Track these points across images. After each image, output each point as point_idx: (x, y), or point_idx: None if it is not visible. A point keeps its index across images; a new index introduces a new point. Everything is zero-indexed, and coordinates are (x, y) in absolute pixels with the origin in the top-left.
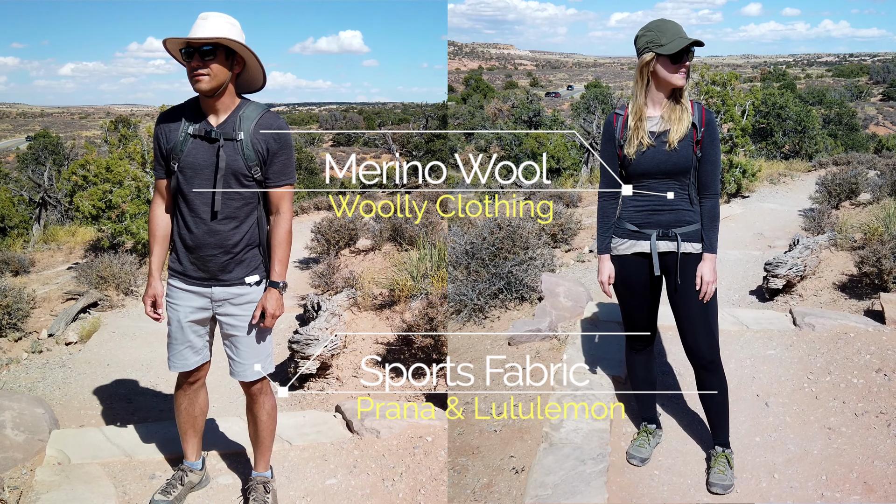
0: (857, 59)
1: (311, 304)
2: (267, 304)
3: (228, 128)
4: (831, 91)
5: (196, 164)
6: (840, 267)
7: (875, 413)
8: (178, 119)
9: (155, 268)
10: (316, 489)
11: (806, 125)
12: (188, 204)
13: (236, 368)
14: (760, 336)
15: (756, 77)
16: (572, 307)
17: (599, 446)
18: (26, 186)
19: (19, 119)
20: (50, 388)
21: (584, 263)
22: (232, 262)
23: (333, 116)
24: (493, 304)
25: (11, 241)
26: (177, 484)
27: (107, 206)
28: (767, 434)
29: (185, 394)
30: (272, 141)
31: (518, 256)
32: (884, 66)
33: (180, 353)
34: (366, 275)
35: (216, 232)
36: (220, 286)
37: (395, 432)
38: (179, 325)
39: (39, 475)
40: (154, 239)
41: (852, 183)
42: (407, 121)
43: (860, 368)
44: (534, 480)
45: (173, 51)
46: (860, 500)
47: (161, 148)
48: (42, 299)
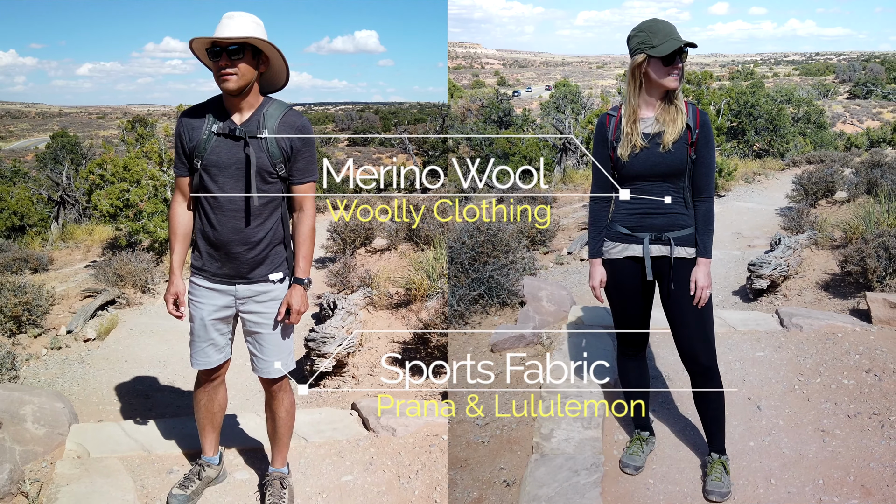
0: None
1: (328, 302)
2: (292, 301)
3: (252, 126)
4: (799, 90)
5: (220, 161)
6: (822, 266)
7: (868, 414)
8: (201, 117)
9: (176, 266)
10: (332, 486)
11: (777, 123)
12: (212, 202)
13: (259, 365)
14: (748, 338)
15: (724, 76)
16: (556, 311)
17: (592, 455)
18: (45, 185)
19: (38, 119)
20: (69, 384)
21: (563, 266)
22: (256, 259)
23: (349, 116)
24: (473, 310)
25: (30, 239)
26: (194, 478)
27: (124, 205)
28: (761, 438)
29: (205, 391)
30: (296, 139)
31: (499, 260)
32: (850, 64)
33: (203, 351)
34: (382, 274)
35: (241, 230)
36: (244, 284)
37: (410, 430)
38: (203, 323)
39: (59, 468)
40: (175, 237)
41: (829, 181)
42: (423, 120)
43: (850, 369)
44: (526, 493)
45: (198, 50)
46: (859, 503)
47: (183, 146)
48: (61, 297)
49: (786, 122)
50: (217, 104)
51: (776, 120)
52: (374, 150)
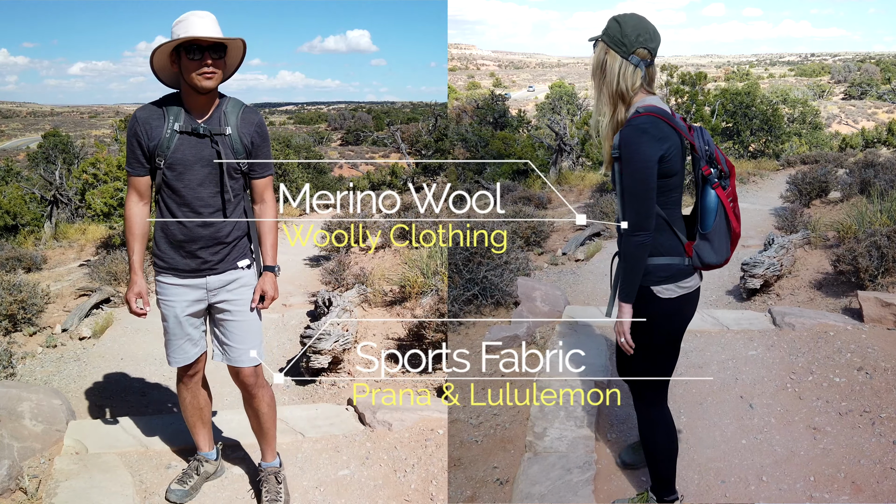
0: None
1: (323, 300)
2: (266, 287)
3: (214, 123)
4: (794, 90)
5: (185, 159)
6: (815, 265)
7: (859, 412)
8: (159, 116)
9: (137, 265)
10: (329, 480)
11: (773, 124)
12: (179, 199)
13: (233, 354)
14: (741, 336)
15: (720, 77)
16: (550, 311)
17: (585, 454)
18: (38, 184)
19: (29, 118)
20: (66, 382)
21: (558, 266)
22: (224, 251)
23: (342, 116)
24: (467, 311)
25: (23, 238)
26: (193, 474)
27: (118, 204)
28: (753, 435)
29: (188, 388)
30: (256, 135)
31: (493, 261)
32: (845, 65)
33: (181, 348)
34: (376, 272)
35: (209, 224)
36: (214, 275)
37: (406, 425)
38: (177, 319)
39: (58, 464)
40: (134, 236)
41: (822, 181)
42: (416, 120)
43: (842, 367)
44: (519, 491)
45: (165, 51)
46: (849, 500)
47: (142, 145)
48: (55, 295)
49: (781, 123)
50: (174, 102)
51: (771, 121)
52: (366, 149)
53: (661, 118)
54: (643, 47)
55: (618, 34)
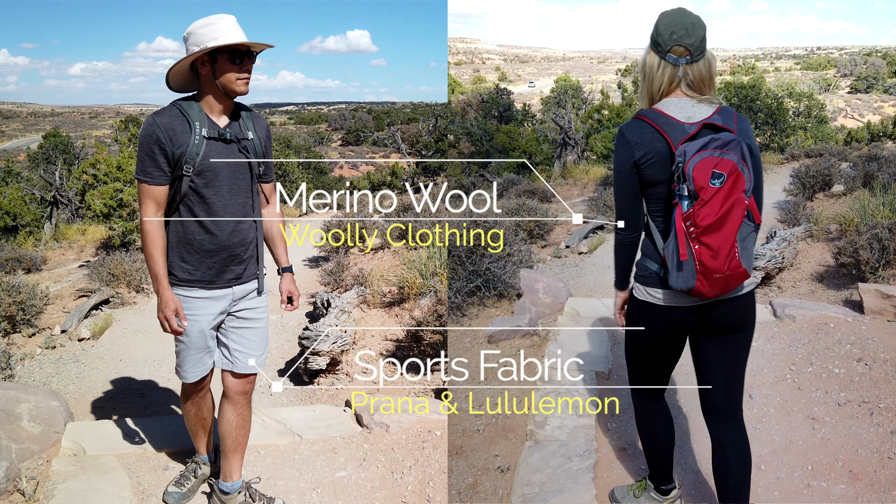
0: (824, 52)
1: (321, 301)
2: (291, 288)
3: (236, 129)
4: (800, 84)
5: (215, 166)
6: (817, 258)
7: (857, 402)
8: (182, 122)
9: (166, 279)
10: (326, 481)
11: (778, 118)
12: (207, 207)
13: (239, 358)
14: None
15: (725, 71)
16: (552, 303)
17: (585, 442)
18: (38, 185)
19: (30, 119)
20: (64, 383)
21: (561, 259)
22: (251, 256)
23: (342, 116)
24: (470, 302)
25: (23, 239)
26: (190, 476)
27: (118, 205)
28: (752, 425)
29: (194, 402)
30: (267, 138)
31: (496, 253)
32: (851, 59)
33: (200, 361)
34: (375, 273)
35: (239, 231)
36: (239, 284)
37: (404, 426)
38: (202, 333)
39: (56, 466)
40: (158, 249)
41: (826, 175)
42: (416, 120)
43: (841, 358)
44: (520, 479)
45: (201, 54)
46: (846, 488)
47: (165, 152)
48: (55, 296)
49: (786, 117)
50: (190, 107)
51: (776, 114)
52: (367, 149)
53: (650, 123)
54: (679, 44)
55: (654, 33)
